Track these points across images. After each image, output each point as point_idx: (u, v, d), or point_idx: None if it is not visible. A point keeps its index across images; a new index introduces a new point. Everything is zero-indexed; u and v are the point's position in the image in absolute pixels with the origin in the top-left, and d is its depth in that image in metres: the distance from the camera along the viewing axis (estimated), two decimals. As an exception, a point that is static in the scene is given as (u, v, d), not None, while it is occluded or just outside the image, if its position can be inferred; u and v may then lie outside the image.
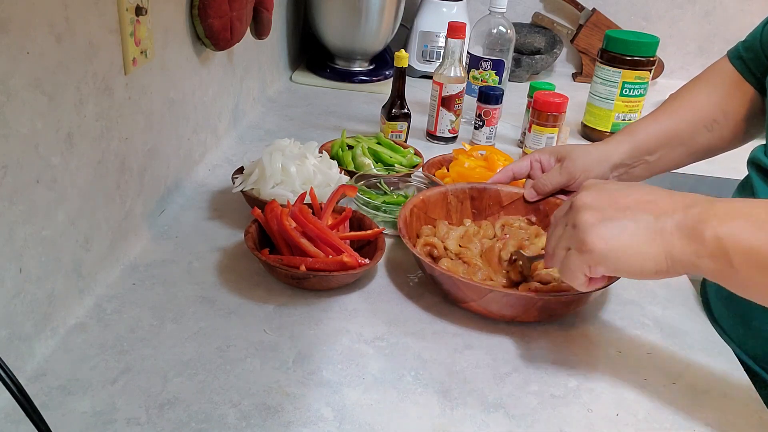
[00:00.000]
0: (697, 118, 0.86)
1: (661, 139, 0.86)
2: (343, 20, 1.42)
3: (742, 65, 0.87)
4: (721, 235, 0.52)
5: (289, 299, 0.73)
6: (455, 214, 0.86)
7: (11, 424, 0.54)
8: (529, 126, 1.13)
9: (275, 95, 1.39)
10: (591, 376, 0.66)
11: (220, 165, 1.03)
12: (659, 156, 0.87)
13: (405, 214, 0.79)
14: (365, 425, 0.57)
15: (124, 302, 0.70)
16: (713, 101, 0.87)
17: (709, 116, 0.86)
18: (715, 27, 1.68)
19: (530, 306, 0.68)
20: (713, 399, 0.64)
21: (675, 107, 0.89)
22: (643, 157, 0.86)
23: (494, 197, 0.87)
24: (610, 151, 0.85)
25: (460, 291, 0.69)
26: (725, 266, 0.52)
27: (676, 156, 0.88)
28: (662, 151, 0.86)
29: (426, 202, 0.83)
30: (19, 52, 0.54)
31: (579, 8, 1.68)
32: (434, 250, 0.77)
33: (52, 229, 0.61)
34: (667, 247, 0.54)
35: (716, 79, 0.89)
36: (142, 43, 0.74)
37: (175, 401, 0.58)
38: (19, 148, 0.55)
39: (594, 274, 0.58)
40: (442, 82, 1.15)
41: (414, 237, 0.80)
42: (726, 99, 0.87)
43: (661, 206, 0.55)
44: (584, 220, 0.56)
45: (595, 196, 0.58)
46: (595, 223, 0.56)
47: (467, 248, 0.77)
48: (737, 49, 0.89)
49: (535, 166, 0.88)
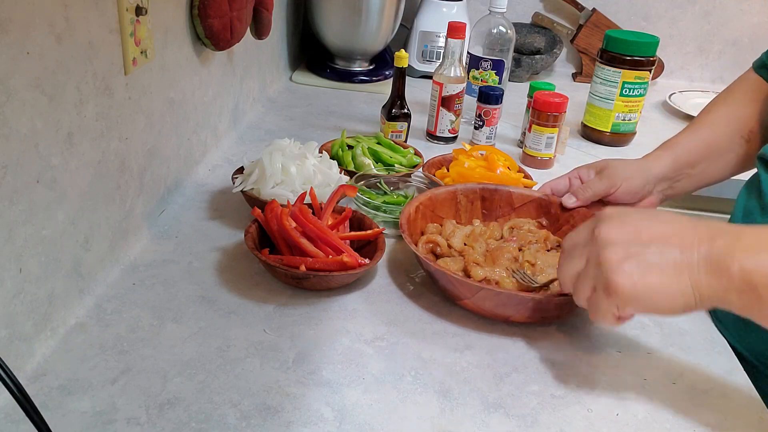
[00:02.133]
0: (734, 130, 0.86)
1: (701, 151, 0.86)
2: (343, 20, 1.42)
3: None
4: (748, 268, 0.50)
5: (289, 299, 0.73)
6: (464, 214, 0.86)
7: (11, 424, 0.54)
8: (529, 126, 1.13)
9: (275, 95, 1.39)
10: (591, 376, 0.66)
11: (220, 165, 1.03)
12: (701, 169, 0.86)
13: (409, 211, 0.79)
14: (365, 425, 0.57)
15: (124, 302, 0.70)
16: (748, 112, 0.87)
17: (746, 127, 0.86)
18: (715, 27, 1.68)
19: (522, 305, 0.67)
20: (713, 399, 0.64)
21: (710, 120, 0.89)
22: (684, 170, 0.86)
23: (506, 198, 0.86)
24: (650, 163, 0.85)
25: (455, 288, 0.70)
26: (754, 300, 0.51)
27: (718, 167, 0.87)
28: (703, 163, 0.86)
29: (434, 201, 0.83)
30: (19, 52, 0.54)
31: (579, 8, 1.68)
32: (437, 248, 0.77)
33: (52, 229, 0.61)
34: (695, 283, 0.52)
35: (746, 90, 0.89)
36: (142, 43, 0.74)
37: (175, 401, 0.58)
38: (19, 148, 0.55)
39: (623, 313, 0.56)
40: (442, 82, 1.15)
41: (418, 235, 0.80)
42: (759, 109, 0.87)
43: (686, 239, 0.54)
44: (609, 259, 0.55)
45: (618, 229, 0.56)
46: (621, 262, 0.54)
47: (471, 247, 0.77)
48: (762, 59, 0.89)
49: (575, 183, 0.86)
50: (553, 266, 0.74)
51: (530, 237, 0.80)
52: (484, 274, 0.72)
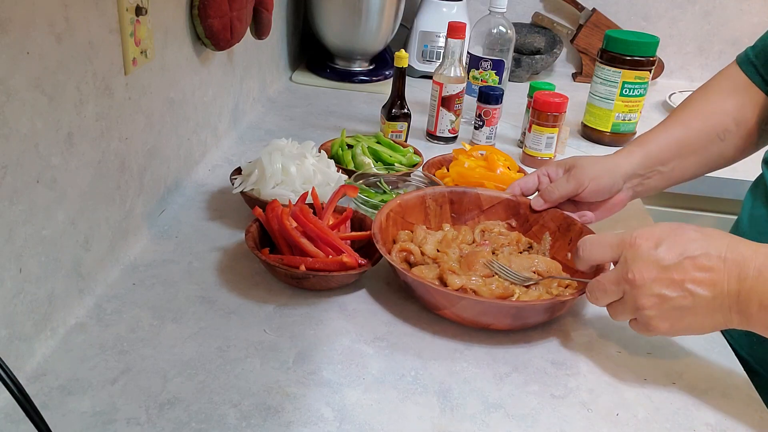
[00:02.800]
0: (709, 127, 0.85)
1: (672, 149, 0.84)
2: (343, 20, 1.42)
3: (752, 71, 0.85)
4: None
5: (289, 299, 0.73)
6: (434, 218, 0.84)
7: (11, 424, 0.54)
8: (529, 126, 1.13)
9: (275, 95, 1.39)
10: (591, 376, 0.66)
11: (220, 165, 1.03)
12: (673, 167, 0.85)
13: (381, 220, 0.77)
14: (365, 425, 0.57)
15: (124, 302, 0.70)
16: (725, 110, 0.85)
17: (721, 125, 0.85)
18: (715, 27, 1.68)
19: (503, 313, 0.67)
20: (713, 399, 0.64)
21: (686, 116, 0.87)
22: (656, 167, 0.85)
23: (474, 201, 0.85)
24: (620, 161, 0.84)
25: (433, 298, 0.69)
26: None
27: (690, 165, 0.86)
28: (675, 161, 0.85)
29: (403, 207, 0.82)
30: (19, 52, 0.54)
31: (579, 8, 1.68)
32: (411, 256, 0.76)
33: (52, 229, 0.61)
34: (726, 319, 0.59)
35: (726, 86, 0.87)
36: (142, 43, 0.74)
37: (175, 401, 0.58)
38: (19, 148, 0.55)
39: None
40: (442, 82, 1.15)
41: (390, 243, 0.79)
42: (737, 107, 0.85)
43: (717, 279, 0.57)
44: (644, 305, 0.60)
45: (649, 272, 0.59)
46: (658, 312, 0.60)
47: (445, 253, 0.76)
48: (746, 54, 0.87)
49: (543, 180, 0.85)
50: (527, 268, 0.74)
51: (502, 240, 0.80)
52: (461, 283, 0.69)
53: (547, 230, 0.82)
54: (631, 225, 0.96)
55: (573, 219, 0.80)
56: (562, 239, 0.80)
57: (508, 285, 0.71)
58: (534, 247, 0.81)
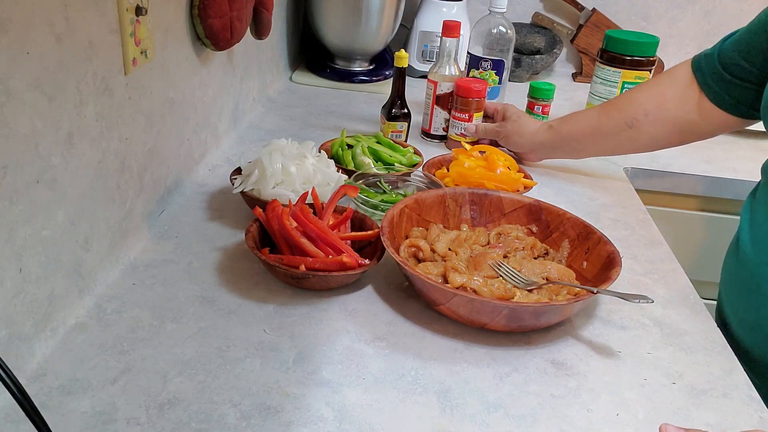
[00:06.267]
0: (622, 116, 0.98)
1: (587, 131, 1.02)
2: (343, 20, 1.42)
3: (701, 77, 0.90)
4: None
5: (289, 299, 0.73)
6: (453, 218, 0.84)
7: (11, 424, 0.54)
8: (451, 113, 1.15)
9: (275, 95, 1.39)
10: (591, 376, 0.66)
11: (220, 165, 1.03)
12: (584, 146, 1.04)
13: (393, 214, 0.77)
14: (365, 425, 0.57)
15: (124, 302, 0.70)
16: (641, 100, 0.96)
17: (630, 115, 0.97)
18: (715, 27, 1.68)
19: (497, 313, 0.66)
20: (713, 399, 0.64)
21: (609, 105, 1.02)
22: (569, 143, 1.04)
23: (496, 204, 0.85)
24: (540, 133, 1.06)
25: (429, 292, 0.69)
26: None
27: (600, 147, 1.04)
28: (588, 140, 1.03)
29: (420, 204, 0.82)
30: (19, 52, 0.54)
31: (579, 8, 1.68)
32: (420, 252, 0.76)
33: (52, 229, 0.61)
34: None
35: (664, 81, 0.96)
36: (142, 43, 0.74)
37: (175, 401, 0.58)
38: (19, 148, 0.55)
39: None
40: (436, 80, 1.15)
41: (402, 238, 0.79)
42: (657, 100, 0.94)
43: None
44: None
45: None
46: None
47: (455, 252, 0.76)
48: (699, 60, 0.92)
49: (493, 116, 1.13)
50: (538, 274, 0.74)
51: (517, 244, 0.79)
52: (462, 281, 0.70)
53: (567, 238, 0.81)
54: (631, 225, 0.96)
55: (592, 228, 0.79)
56: (580, 247, 0.79)
57: (511, 287, 0.71)
58: (550, 254, 0.81)
